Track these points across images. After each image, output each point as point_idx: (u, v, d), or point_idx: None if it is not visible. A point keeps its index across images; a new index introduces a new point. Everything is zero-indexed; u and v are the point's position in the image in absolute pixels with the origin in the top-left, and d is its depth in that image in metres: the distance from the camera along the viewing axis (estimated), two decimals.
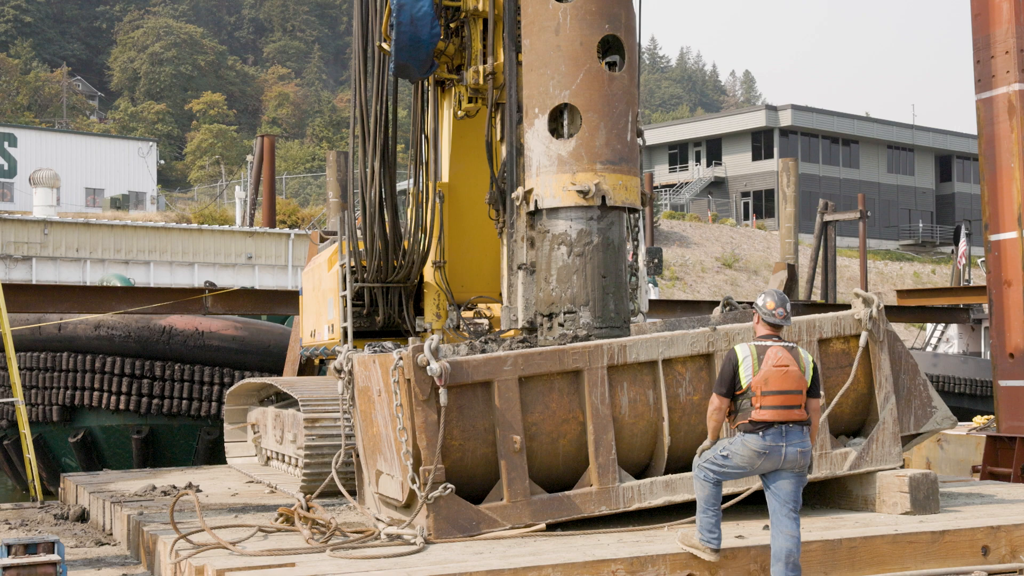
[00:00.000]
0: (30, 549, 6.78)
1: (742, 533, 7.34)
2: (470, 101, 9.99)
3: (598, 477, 7.76)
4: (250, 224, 36.74)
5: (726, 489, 6.97)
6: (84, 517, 10.76)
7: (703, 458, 6.70)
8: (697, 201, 73.04)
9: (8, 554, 6.71)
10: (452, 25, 10.02)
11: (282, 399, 12.00)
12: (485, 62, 9.74)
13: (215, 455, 16.73)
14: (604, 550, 6.87)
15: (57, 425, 17.48)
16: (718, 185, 76.01)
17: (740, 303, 10.18)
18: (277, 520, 8.04)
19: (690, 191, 74.66)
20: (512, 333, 9.04)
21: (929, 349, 33.94)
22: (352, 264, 10.60)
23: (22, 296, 15.03)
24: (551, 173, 8.59)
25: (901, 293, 24.73)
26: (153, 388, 17.06)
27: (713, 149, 76.87)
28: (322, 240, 13.45)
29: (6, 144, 58.73)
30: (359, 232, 10.71)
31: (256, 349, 17.46)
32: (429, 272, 10.65)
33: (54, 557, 6.78)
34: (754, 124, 74.34)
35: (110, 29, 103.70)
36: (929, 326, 35.69)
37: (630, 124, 8.73)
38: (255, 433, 12.68)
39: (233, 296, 15.82)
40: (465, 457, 7.58)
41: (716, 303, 10.88)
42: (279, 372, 16.45)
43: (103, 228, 33.25)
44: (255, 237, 34.46)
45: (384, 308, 10.66)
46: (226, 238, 34.45)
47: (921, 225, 77.34)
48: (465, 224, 10.68)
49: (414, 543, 7.11)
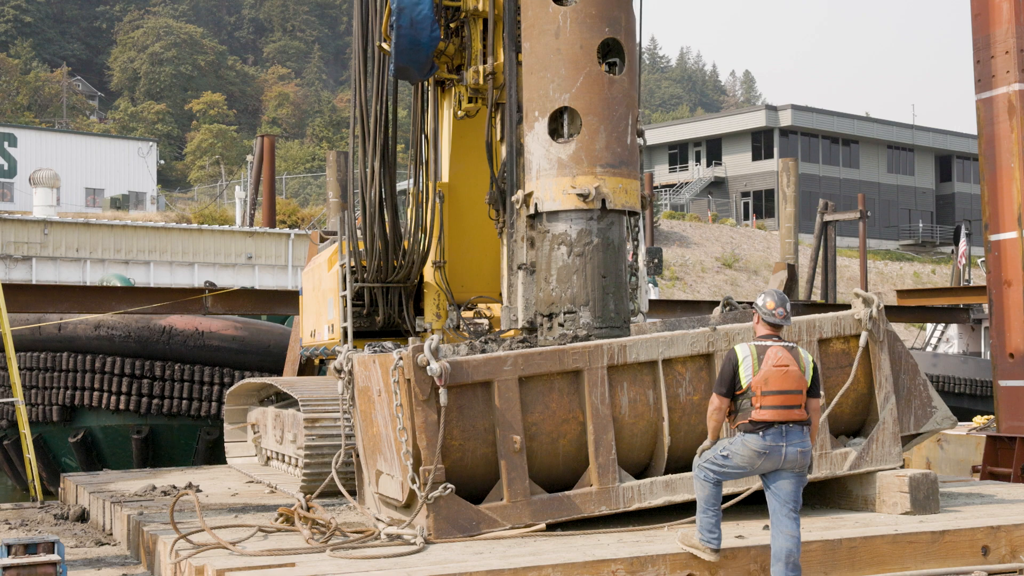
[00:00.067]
0: (30, 549, 6.78)
1: (742, 533, 7.34)
2: (470, 101, 9.99)
3: (598, 477, 7.76)
4: (250, 224, 36.74)
5: (726, 489, 6.97)
6: (84, 517, 10.75)
7: (703, 458, 6.70)
8: (697, 201, 73.04)
9: (8, 554, 6.71)
10: (452, 25, 10.01)
11: (282, 399, 12.00)
12: (485, 62, 9.74)
13: (215, 455, 16.73)
14: (604, 550, 6.87)
15: (57, 425, 17.48)
16: (718, 185, 76.01)
17: (740, 303, 10.17)
18: (277, 520, 8.04)
19: (690, 191, 74.67)
20: (512, 333, 9.04)
21: (929, 349, 33.92)
22: (352, 264, 10.60)
23: (22, 296, 15.03)
24: (551, 176, 8.58)
25: (901, 293, 24.73)
26: (153, 388, 17.05)
27: (713, 149, 76.87)
28: (322, 240, 13.45)
29: (6, 144, 58.74)
30: (359, 232, 10.70)
31: (256, 349, 17.46)
32: (429, 272, 10.64)
33: (54, 557, 6.78)
34: (754, 124, 74.34)
35: (110, 29, 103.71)
36: (929, 326, 35.68)
37: (630, 127, 8.73)
38: (255, 433, 12.68)
39: (233, 296, 15.82)
40: (465, 457, 7.58)
41: (716, 303, 10.87)
42: (279, 372, 16.45)
43: (103, 228, 33.25)
44: (255, 237, 34.46)
45: (384, 308, 10.66)
46: (226, 238, 34.45)
47: (921, 225, 77.34)
48: (465, 224, 10.67)
49: (414, 543, 7.11)
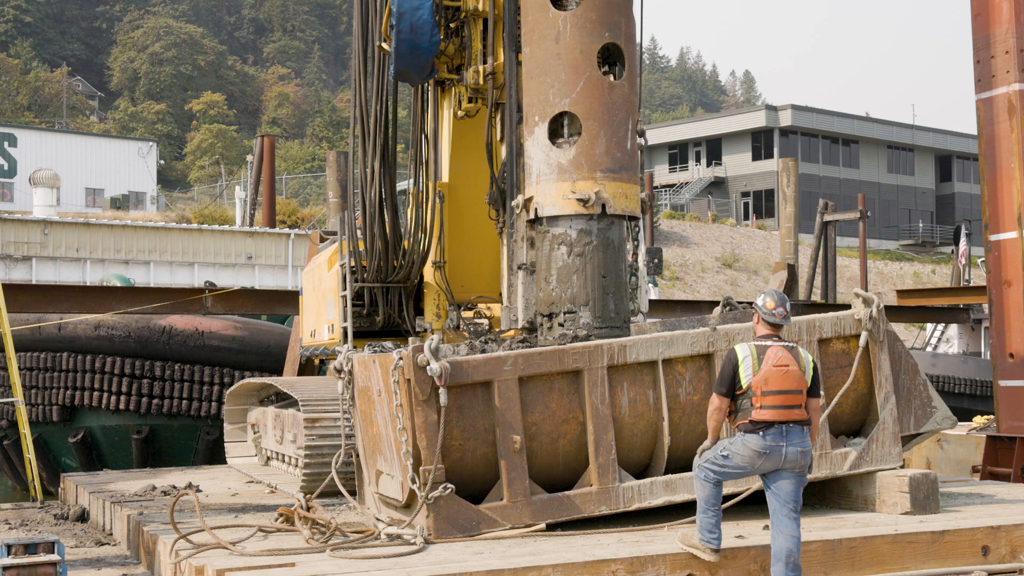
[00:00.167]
0: (30, 549, 6.78)
1: (742, 533, 7.34)
2: (470, 101, 9.98)
3: (598, 477, 7.76)
4: (250, 224, 36.75)
5: (726, 489, 6.97)
6: (84, 517, 10.75)
7: (703, 458, 6.70)
8: (697, 201, 73.04)
9: (8, 554, 6.71)
10: (452, 25, 10.00)
11: (282, 399, 12.00)
12: (485, 62, 9.73)
13: (215, 455, 16.73)
14: (604, 550, 6.87)
15: (57, 425, 17.48)
16: (718, 185, 76.01)
17: (740, 303, 10.18)
18: (277, 520, 8.04)
19: (690, 191, 74.66)
20: (512, 333, 9.04)
21: (929, 349, 33.92)
22: (352, 264, 10.60)
23: (22, 296, 15.03)
24: (551, 181, 8.58)
25: (901, 293, 24.73)
26: (153, 388, 17.06)
27: (713, 149, 76.86)
28: (322, 240, 13.45)
29: (6, 144, 58.74)
30: (359, 232, 10.70)
31: (256, 349, 17.46)
32: (429, 272, 10.64)
33: (54, 557, 6.78)
34: (754, 124, 74.34)
35: (110, 29, 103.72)
36: (929, 326, 35.68)
37: (630, 132, 8.72)
38: (255, 433, 12.68)
39: (233, 296, 15.82)
40: (465, 457, 7.58)
41: (716, 303, 10.88)
42: (279, 372, 16.45)
43: (103, 228, 33.25)
44: (255, 237, 34.46)
45: (384, 308, 10.66)
46: (226, 238, 34.45)
47: (921, 225, 77.34)
48: (465, 224, 10.67)
49: (414, 543, 7.11)
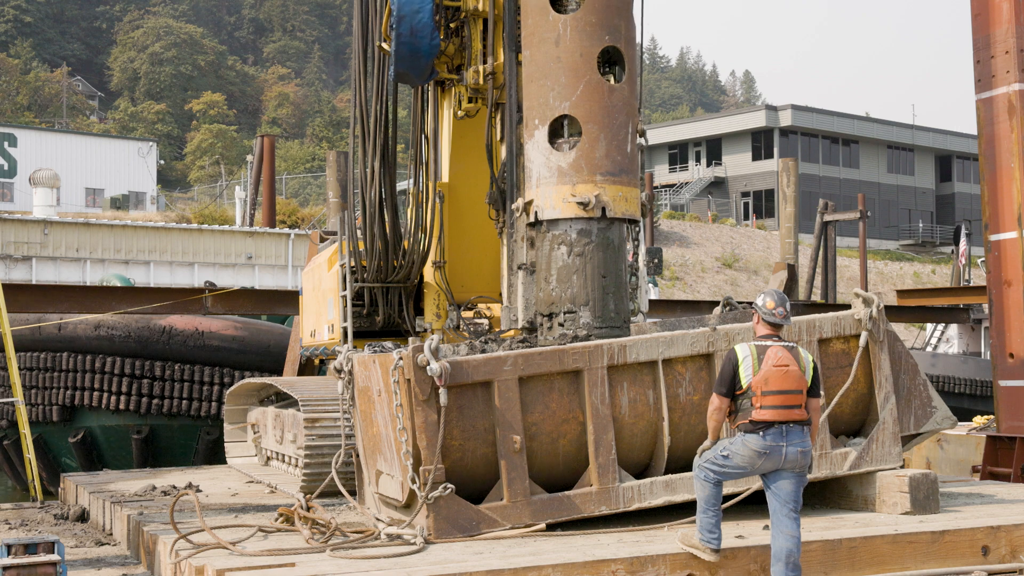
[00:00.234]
0: (30, 549, 6.78)
1: (742, 533, 7.34)
2: (470, 101, 9.98)
3: (598, 477, 7.76)
4: (250, 224, 36.75)
5: (726, 489, 6.97)
6: (84, 517, 10.75)
7: (703, 458, 6.70)
8: (697, 201, 73.04)
9: (8, 554, 6.71)
10: (452, 25, 9.99)
11: (282, 399, 12.00)
12: (485, 62, 9.73)
13: (215, 455, 16.73)
14: (604, 550, 6.87)
15: (57, 425, 17.48)
16: (718, 185, 76.01)
17: (740, 303, 10.18)
18: (277, 520, 8.04)
19: (690, 191, 74.66)
20: (512, 333, 9.04)
21: (929, 349, 33.92)
22: (352, 264, 10.60)
23: (22, 296, 15.03)
24: (551, 184, 8.57)
25: (901, 293, 24.73)
26: (153, 388, 17.06)
27: (713, 149, 76.86)
28: (322, 240, 13.45)
29: (6, 144, 58.74)
30: (359, 232, 10.70)
31: (256, 349, 17.46)
32: (429, 272, 10.64)
33: (54, 557, 6.78)
34: (754, 124, 74.33)
35: (110, 29, 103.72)
36: (929, 326, 35.68)
37: (630, 135, 8.72)
38: (255, 433, 12.68)
39: (233, 296, 15.82)
40: (465, 457, 7.58)
41: (716, 303, 10.88)
42: (279, 372, 16.45)
43: (103, 228, 33.25)
44: (255, 237, 34.47)
45: (384, 308, 10.66)
46: (226, 238, 34.45)
47: (921, 225, 77.34)
48: (465, 224, 10.67)
49: (414, 543, 7.11)
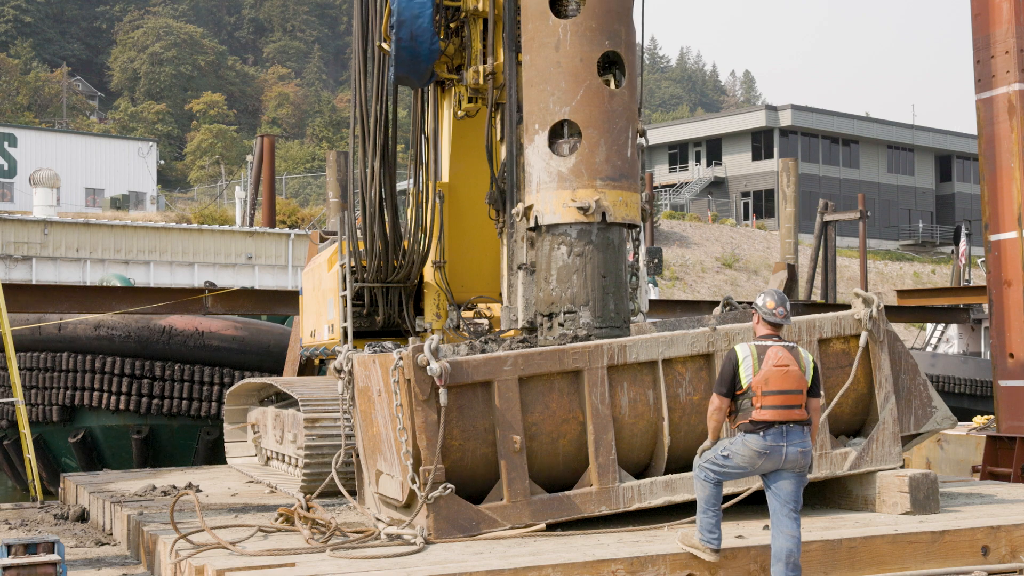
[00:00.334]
0: (30, 549, 6.78)
1: (742, 533, 7.34)
2: (470, 101, 9.97)
3: (598, 477, 7.76)
4: (250, 224, 36.75)
5: (726, 489, 6.97)
6: (84, 517, 10.75)
7: (704, 458, 6.70)
8: (697, 201, 73.03)
9: (8, 554, 6.71)
10: (452, 25, 9.99)
11: (282, 399, 12.00)
12: (485, 62, 9.72)
13: (215, 455, 16.73)
14: (604, 550, 6.87)
15: (57, 425, 17.48)
16: (718, 185, 76.01)
17: (740, 303, 10.18)
18: (277, 520, 8.04)
19: (690, 191, 74.66)
20: (512, 333, 9.04)
21: (929, 349, 33.92)
22: (352, 264, 10.60)
23: (22, 296, 15.03)
24: (551, 189, 8.56)
25: (901, 293, 24.72)
26: (153, 388, 17.05)
27: (713, 149, 76.86)
28: (322, 240, 13.45)
29: (6, 144, 58.75)
30: (359, 232, 10.70)
31: (256, 349, 17.46)
32: (429, 272, 10.64)
33: (54, 557, 6.78)
34: (754, 124, 74.33)
35: (110, 29, 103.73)
36: (929, 326, 35.68)
37: (630, 140, 8.71)
38: (255, 433, 12.68)
39: (233, 296, 15.82)
40: (465, 457, 7.58)
41: (716, 303, 10.87)
42: (279, 372, 16.45)
43: (103, 228, 33.26)
44: (255, 237, 34.46)
45: (384, 308, 10.66)
46: (226, 238, 34.45)
47: (921, 225, 77.34)
48: (465, 224, 10.67)
49: (414, 543, 7.11)
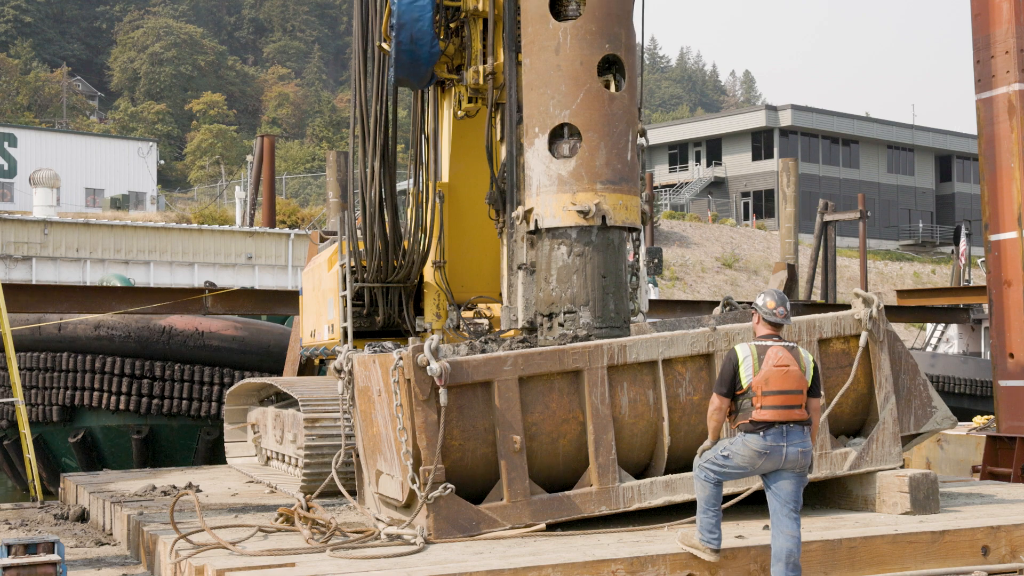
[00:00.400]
0: (30, 549, 6.78)
1: (742, 533, 7.34)
2: (470, 101, 9.97)
3: (598, 477, 7.76)
4: (250, 224, 36.75)
5: (726, 489, 6.97)
6: (84, 517, 10.75)
7: (704, 458, 6.70)
8: (697, 201, 73.04)
9: (8, 554, 6.71)
10: (452, 25, 9.99)
11: (282, 399, 12.00)
12: (485, 62, 9.72)
13: (215, 455, 16.73)
14: (604, 550, 6.87)
15: (57, 425, 17.48)
16: (718, 185, 76.01)
17: (740, 303, 10.18)
18: (277, 520, 8.04)
19: (690, 191, 74.67)
20: (512, 333, 9.04)
21: (929, 349, 33.91)
22: (352, 264, 10.60)
23: (22, 296, 15.02)
24: (551, 193, 8.56)
25: (901, 293, 24.72)
26: (153, 388, 17.06)
27: (713, 149, 76.86)
28: (322, 240, 13.45)
29: (6, 144, 58.75)
30: (359, 232, 10.70)
31: (256, 349, 17.46)
32: (429, 272, 10.64)
33: (54, 557, 6.78)
34: (754, 124, 74.33)
35: (110, 29, 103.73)
36: (929, 326, 35.68)
37: (630, 143, 8.71)
38: (255, 433, 12.68)
39: (233, 296, 15.82)
40: (465, 457, 7.58)
41: (716, 303, 10.88)
42: (279, 372, 16.45)
43: (103, 228, 33.26)
44: (255, 237, 34.46)
45: (384, 308, 10.66)
46: (226, 238, 34.45)
47: (921, 225, 77.34)
48: (465, 224, 10.67)
49: (414, 543, 7.11)
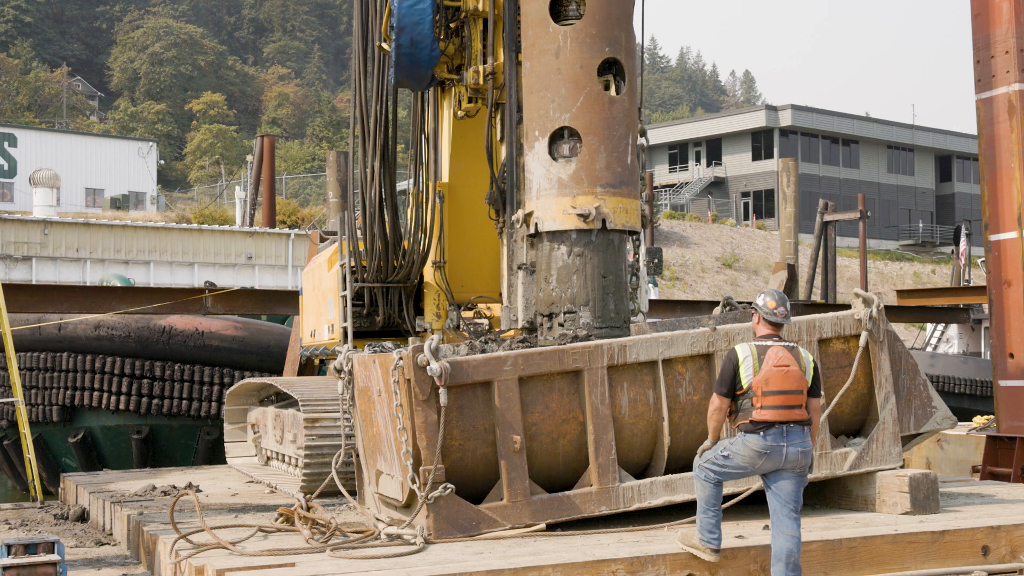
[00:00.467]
0: (30, 549, 6.78)
1: (742, 533, 7.34)
2: (470, 101, 9.97)
3: (598, 477, 7.76)
4: (250, 224, 36.76)
5: (726, 489, 6.97)
6: (84, 517, 10.75)
7: (704, 458, 6.69)
8: (697, 201, 73.04)
9: (8, 554, 6.71)
10: (452, 25, 9.99)
11: (282, 399, 12.00)
12: (485, 62, 9.72)
13: (215, 455, 16.73)
14: (604, 550, 6.87)
15: (57, 425, 17.48)
16: (718, 185, 76.01)
17: (740, 303, 10.18)
18: (277, 520, 8.04)
19: (690, 191, 74.67)
20: (512, 333, 9.04)
21: (929, 349, 33.91)
22: (352, 264, 10.60)
23: (22, 296, 15.02)
24: (551, 196, 8.56)
25: (901, 293, 24.72)
26: (153, 388, 17.06)
27: (713, 149, 76.86)
28: (322, 240, 13.45)
29: (6, 144, 58.74)
30: (359, 232, 10.70)
31: (256, 349, 17.46)
32: (429, 272, 10.64)
33: (54, 557, 6.78)
34: (754, 124, 74.33)
35: (110, 29, 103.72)
36: (929, 326, 35.68)
37: (630, 147, 8.71)
38: (255, 433, 12.68)
39: (233, 296, 15.81)
40: (465, 457, 7.58)
41: (716, 303, 10.88)
42: (279, 372, 16.45)
43: (103, 228, 33.26)
44: (255, 237, 34.47)
45: (384, 308, 10.66)
46: (226, 238, 34.46)
47: (921, 225, 77.34)
48: (465, 224, 10.67)
49: (414, 543, 7.11)
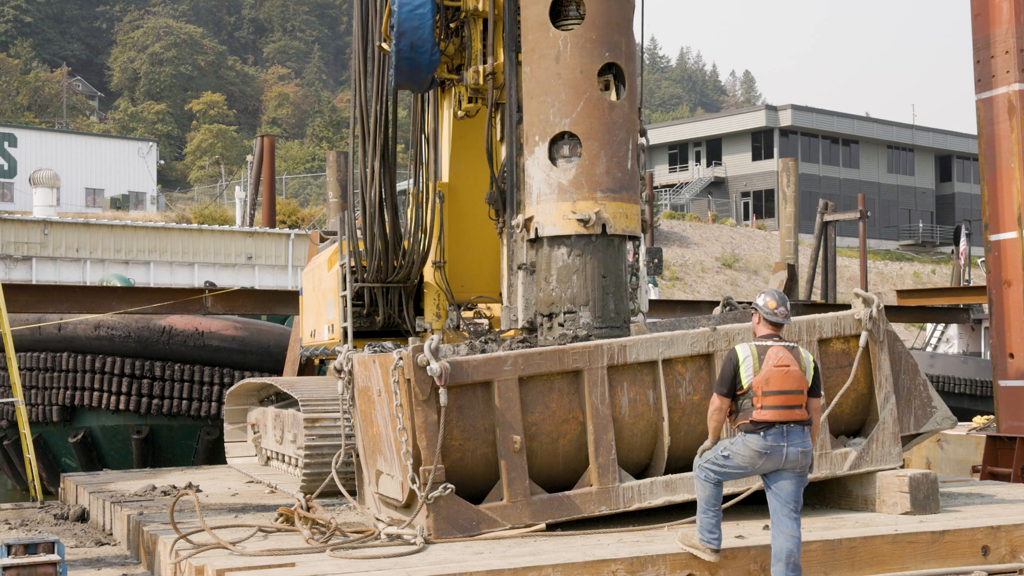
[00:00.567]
0: (30, 549, 6.78)
1: (742, 533, 7.34)
2: (470, 101, 9.97)
3: (598, 477, 7.76)
4: (250, 224, 36.75)
5: (726, 489, 6.97)
6: (84, 517, 10.75)
7: (704, 458, 6.70)
8: (697, 201, 73.04)
9: (8, 554, 6.71)
10: (452, 25, 9.99)
11: (282, 399, 12.01)
12: (485, 62, 9.72)
13: (215, 455, 16.73)
14: (604, 550, 6.87)
15: (57, 425, 17.48)
16: (718, 185, 76.01)
17: (740, 303, 10.18)
18: (277, 520, 8.04)
19: (690, 191, 74.67)
20: (512, 333, 9.04)
21: (929, 349, 33.92)
22: (352, 264, 10.60)
23: (22, 296, 15.02)
24: (551, 201, 8.56)
25: (901, 293, 24.72)
26: (153, 388, 17.06)
27: (713, 149, 76.87)
28: (322, 240, 13.45)
29: (6, 144, 58.75)
30: (359, 232, 10.70)
31: (256, 349, 17.46)
32: (429, 272, 10.64)
33: (54, 557, 6.78)
34: (754, 124, 74.33)
35: (110, 29, 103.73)
36: (929, 326, 35.68)
37: (631, 152, 8.71)
38: (255, 433, 12.68)
39: (233, 296, 15.81)
40: (465, 457, 7.58)
41: (716, 303, 10.88)
42: (279, 372, 16.45)
43: (103, 228, 33.26)
44: (255, 237, 34.47)
45: (384, 308, 10.66)
46: (226, 238, 34.46)
47: (921, 225, 77.34)
48: (465, 224, 10.67)
49: (414, 543, 7.11)
